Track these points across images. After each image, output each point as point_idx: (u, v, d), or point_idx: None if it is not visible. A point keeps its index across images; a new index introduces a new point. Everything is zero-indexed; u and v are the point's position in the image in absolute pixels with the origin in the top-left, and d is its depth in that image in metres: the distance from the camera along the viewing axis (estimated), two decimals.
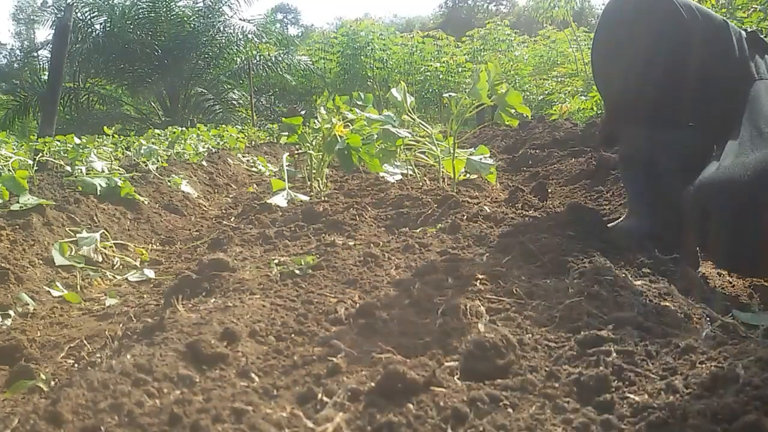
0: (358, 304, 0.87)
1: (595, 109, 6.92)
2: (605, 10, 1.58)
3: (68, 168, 3.27)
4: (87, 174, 2.83)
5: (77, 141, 3.97)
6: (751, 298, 1.25)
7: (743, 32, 1.50)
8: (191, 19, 15.02)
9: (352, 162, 2.17)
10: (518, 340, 0.72)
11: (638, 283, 1.01)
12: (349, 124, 2.39)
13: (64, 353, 1.25)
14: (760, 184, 1.18)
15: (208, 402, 0.58)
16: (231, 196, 3.80)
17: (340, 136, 2.27)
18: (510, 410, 0.58)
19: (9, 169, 2.54)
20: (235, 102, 15.43)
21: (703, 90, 1.43)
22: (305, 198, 2.22)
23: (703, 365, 0.62)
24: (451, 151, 2.07)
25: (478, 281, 0.96)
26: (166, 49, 14.65)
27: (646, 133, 1.50)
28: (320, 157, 2.59)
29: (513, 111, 2.00)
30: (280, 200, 2.16)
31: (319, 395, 0.59)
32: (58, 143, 3.89)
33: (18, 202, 2.14)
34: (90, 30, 14.79)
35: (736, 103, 1.40)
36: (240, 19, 15.64)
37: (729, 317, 1.00)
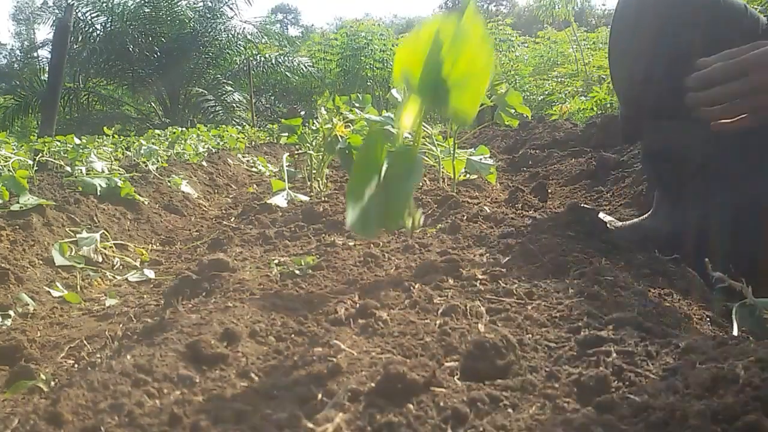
0: (358, 304, 0.87)
1: (595, 109, 6.92)
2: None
3: (68, 168, 3.27)
4: (87, 174, 2.83)
5: (77, 141, 3.97)
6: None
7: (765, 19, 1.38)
8: (192, 20, 15.00)
9: (353, 161, 2.17)
10: (518, 340, 0.71)
11: (638, 283, 1.01)
12: (349, 124, 2.39)
13: (64, 353, 1.25)
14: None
15: (208, 402, 0.58)
16: (231, 196, 3.80)
17: (341, 136, 2.27)
18: (510, 410, 0.58)
19: (9, 169, 2.54)
20: (235, 104, 15.43)
21: None
22: (305, 198, 2.22)
23: (703, 365, 0.62)
24: (451, 152, 2.07)
25: (478, 281, 0.96)
26: (166, 50, 14.65)
27: (668, 127, 1.40)
28: (320, 157, 2.59)
29: (513, 111, 2.00)
30: (280, 200, 2.16)
31: (319, 395, 0.59)
32: (58, 143, 3.90)
33: (18, 202, 2.14)
34: (90, 30, 14.78)
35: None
36: (240, 21, 15.64)
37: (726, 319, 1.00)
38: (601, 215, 1.58)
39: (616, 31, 1.54)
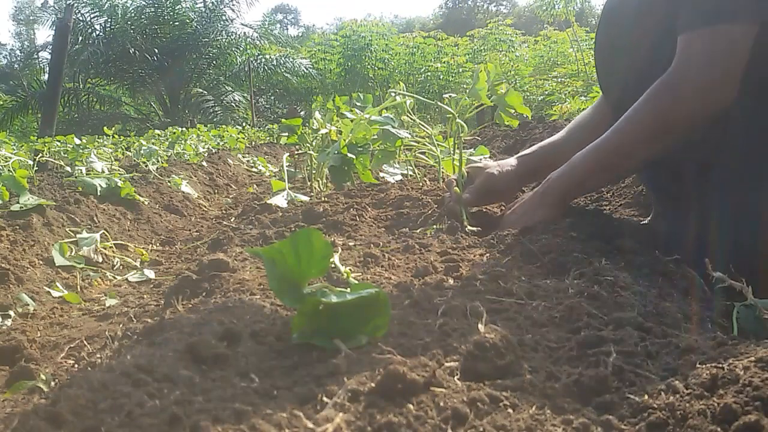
0: None
1: None
2: None
3: (68, 168, 3.27)
4: (87, 174, 2.83)
5: (77, 141, 3.97)
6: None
7: None
8: (193, 21, 15.00)
9: (349, 174, 2.14)
10: (518, 340, 0.71)
11: (638, 283, 1.01)
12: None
13: (64, 354, 1.25)
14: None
15: (208, 402, 0.58)
16: (231, 196, 3.80)
17: (334, 141, 2.26)
18: (510, 410, 0.58)
19: (9, 169, 2.54)
20: (234, 104, 15.43)
21: None
22: (305, 198, 2.22)
23: (703, 365, 0.62)
24: (451, 152, 2.07)
25: (478, 281, 0.96)
26: (166, 50, 14.65)
27: None
28: None
29: (513, 111, 1.99)
30: (280, 201, 2.16)
31: (320, 396, 0.59)
32: (58, 143, 3.90)
33: (18, 203, 2.14)
34: (90, 31, 14.77)
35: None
36: (241, 24, 15.63)
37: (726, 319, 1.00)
38: None
39: (601, 34, 1.54)
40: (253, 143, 7.24)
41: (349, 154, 2.11)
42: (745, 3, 1.20)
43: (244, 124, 10.98)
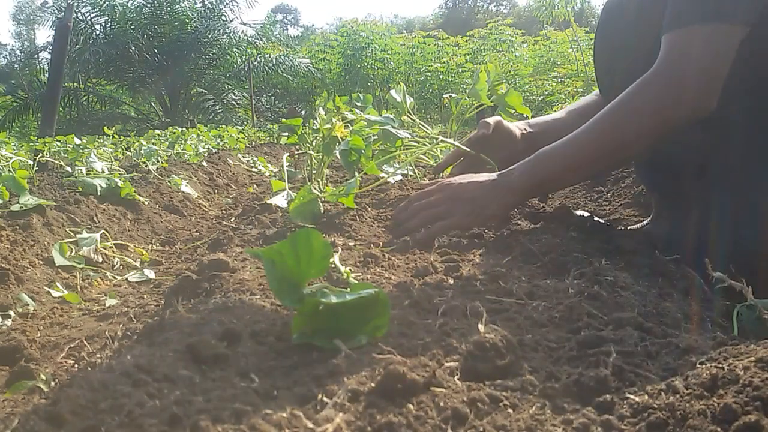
0: None
1: None
2: None
3: (68, 168, 3.27)
4: (87, 174, 2.83)
5: (77, 141, 3.98)
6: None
7: None
8: (193, 21, 15.00)
9: (356, 162, 2.16)
10: (518, 340, 0.71)
11: (638, 283, 1.01)
12: (348, 124, 2.39)
13: (64, 354, 1.25)
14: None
15: (208, 402, 0.58)
16: (231, 196, 3.80)
17: (341, 137, 2.26)
18: (510, 411, 0.58)
19: (9, 170, 2.54)
20: (235, 103, 15.43)
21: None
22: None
23: (703, 365, 0.62)
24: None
25: (478, 281, 0.96)
26: (166, 50, 14.64)
27: None
28: (320, 157, 2.58)
29: (513, 111, 2.00)
30: (280, 201, 2.16)
31: (320, 396, 0.59)
32: (58, 143, 3.90)
33: (18, 203, 2.14)
34: (90, 31, 14.77)
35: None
36: (241, 23, 15.65)
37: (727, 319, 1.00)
38: (579, 212, 1.57)
39: (601, 35, 1.53)
40: (253, 143, 7.24)
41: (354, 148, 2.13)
42: (727, 3, 1.16)
43: (246, 124, 11.00)
